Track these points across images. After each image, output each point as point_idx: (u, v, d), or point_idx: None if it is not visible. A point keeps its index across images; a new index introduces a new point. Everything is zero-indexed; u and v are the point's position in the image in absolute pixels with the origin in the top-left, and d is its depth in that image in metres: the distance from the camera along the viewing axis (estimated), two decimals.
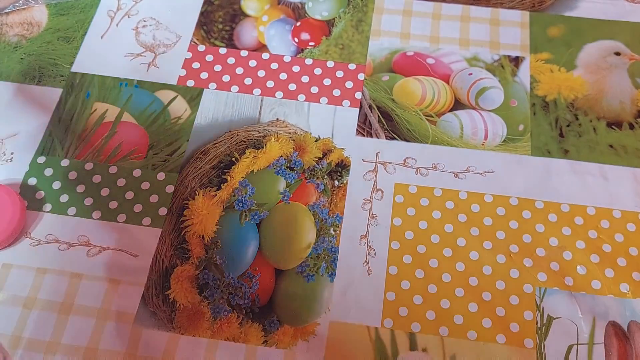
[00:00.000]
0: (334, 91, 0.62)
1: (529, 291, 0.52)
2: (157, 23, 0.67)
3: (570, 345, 0.49)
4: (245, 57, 0.65)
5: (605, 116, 0.60)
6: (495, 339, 0.50)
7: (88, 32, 0.67)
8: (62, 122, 0.60)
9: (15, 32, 0.67)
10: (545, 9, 0.67)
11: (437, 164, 0.58)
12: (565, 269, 0.52)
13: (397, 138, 0.59)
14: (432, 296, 0.52)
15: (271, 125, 0.60)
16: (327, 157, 0.58)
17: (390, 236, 0.54)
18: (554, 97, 0.61)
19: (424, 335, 0.50)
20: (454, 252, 0.53)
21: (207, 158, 0.58)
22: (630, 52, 0.64)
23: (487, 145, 0.59)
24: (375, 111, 0.61)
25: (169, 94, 0.62)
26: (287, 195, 0.56)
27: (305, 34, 0.66)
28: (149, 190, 0.56)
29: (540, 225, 0.54)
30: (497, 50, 0.64)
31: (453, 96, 0.62)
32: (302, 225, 0.55)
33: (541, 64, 0.63)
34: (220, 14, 0.68)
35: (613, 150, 0.58)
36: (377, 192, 0.56)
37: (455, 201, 0.56)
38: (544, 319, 0.50)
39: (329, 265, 0.53)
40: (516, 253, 0.53)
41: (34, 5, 0.69)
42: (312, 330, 0.50)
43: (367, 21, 0.67)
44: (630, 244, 0.53)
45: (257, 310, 0.52)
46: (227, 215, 0.55)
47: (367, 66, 0.64)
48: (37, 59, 0.65)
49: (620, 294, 0.51)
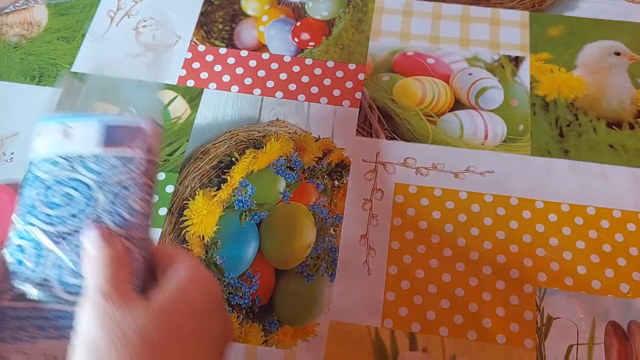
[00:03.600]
0: (334, 91, 0.62)
1: (529, 291, 0.52)
2: (157, 23, 0.67)
3: (570, 345, 0.49)
4: (245, 57, 0.65)
5: (605, 116, 0.60)
6: (495, 339, 0.50)
7: (88, 32, 0.67)
8: None
9: (15, 32, 0.67)
10: (545, 9, 0.67)
11: (437, 164, 0.58)
12: (565, 269, 0.52)
13: (397, 138, 0.59)
14: (432, 296, 0.51)
15: (271, 125, 0.60)
16: (327, 157, 0.58)
17: (390, 236, 0.54)
18: (554, 97, 0.61)
19: (424, 335, 0.50)
20: (454, 252, 0.53)
21: (207, 158, 0.58)
22: (630, 52, 0.64)
23: (487, 145, 0.59)
24: (375, 111, 0.61)
25: (169, 94, 0.62)
26: (287, 195, 0.56)
27: (305, 34, 0.66)
28: None
29: (540, 225, 0.54)
30: (497, 50, 0.64)
31: (453, 96, 0.62)
32: (302, 225, 0.55)
33: (541, 64, 0.63)
34: (220, 14, 0.68)
35: (613, 150, 0.58)
36: (377, 192, 0.56)
37: (455, 201, 0.56)
38: (544, 319, 0.50)
39: (329, 265, 0.53)
40: (516, 253, 0.53)
41: (34, 5, 0.69)
42: (312, 330, 0.50)
43: (367, 21, 0.67)
44: (630, 244, 0.53)
45: (257, 310, 0.52)
46: (227, 215, 0.55)
47: (367, 66, 0.64)
48: (37, 59, 0.65)
49: (620, 294, 0.51)
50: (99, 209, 0.34)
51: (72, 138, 0.36)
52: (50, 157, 0.36)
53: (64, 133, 0.36)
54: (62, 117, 0.37)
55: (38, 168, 0.36)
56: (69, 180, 0.35)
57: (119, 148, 0.36)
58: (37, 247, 0.34)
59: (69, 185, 0.35)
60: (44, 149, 0.36)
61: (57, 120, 0.37)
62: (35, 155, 0.36)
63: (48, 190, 0.35)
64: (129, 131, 0.37)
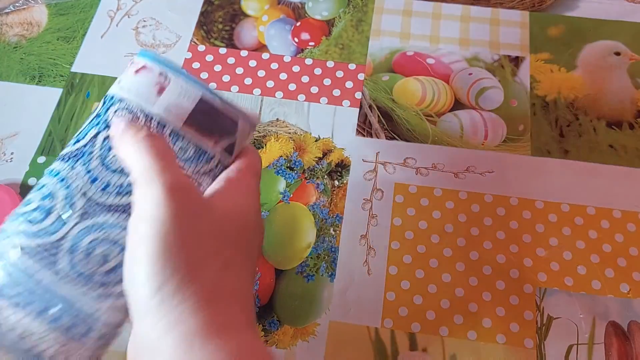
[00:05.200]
0: (334, 91, 0.62)
1: (529, 291, 0.52)
2: (157, 23, 0.67)
3: (570, 345, 0.49)
4: (245, 57, 0.65)
5: (605, 116, 0.60)
6: (495, 339, 0.50)
7: (88, 32, 0.67)
8: (62, 122, 0.60)
9: (15, 32, 0.67)
10: (545, 9, 0.67)
11: (437, 164, 0.58)
12: (565, 269, 0.52)
13: (397, 138, 0.59)
14: (432, 296, 0.52)
15: (271, 125, 0.60)
16: (327, 157, 0.58)
17: (390, 236, 0.54)
18: (554, 97, 0.61)
19: (424, 335, 0.50)
20: (454, 252, 0.53)
21: None
22: (630, 52, 0.64)
23: (487, 145, 0.59)
24: (375, 111, 0.61)
25: None
26: (287, 195, 0.56)
27: (305, 34, 0.66)
28: None
29: (540, 225, 0.54)
30: (497, 50, 0.64)
31: (453, 96, 0.62)
32: (302, 225, 0.55)
33: (541, 64, 0.63)
34: (220, 14, 0.68)
35: (613, 150, 0.58)
36: (377, 192, 0.56)
37: (455, 201, 0.56)
38: (544, 319, 0.50)
39: (329, 265, 0.53)
40: (516, 253, 0.53)
41: (34, 5, 0.69)
42: (312, 330, 0.50)
43: (367, 21, 0.67)
44: (630, 244, 0.53)
45: (257, 310, 0.52)
46: None
47: (367, 66, 0.64)
48: (37, 59, 0.65)
49: (620, 294, 0.51)
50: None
51: (162, 94, 0.31)
52: (132, 107, 0.32)
53: (158, 84, 0.31)
54: (166, 65, 0.32)
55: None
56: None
57: (201, 135, 0.32)
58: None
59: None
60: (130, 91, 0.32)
61: (160, 65, 0.32)
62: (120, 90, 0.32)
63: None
64: (223, 120, 0.32)
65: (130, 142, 0.31)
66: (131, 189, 0.31)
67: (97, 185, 0.31)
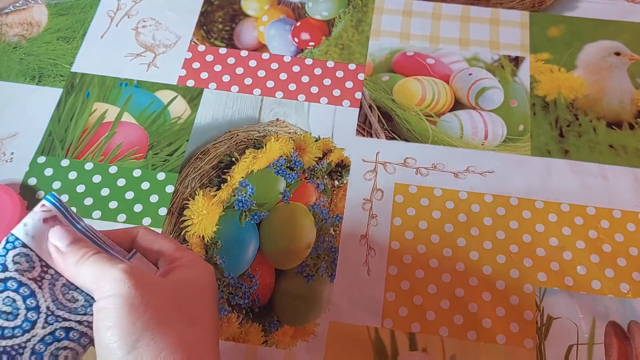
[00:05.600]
0: (334, 91, 0.62)
1: (529, 291, 0.52)
2: (157, 23, 0.67)
3: (570, 345, 0.49)
4: (245, 57, 0.65)
5: (605, 116, 0.60)
6: (495, 339, 0.50)
7: (88, 32, 0.67)
8: (62, 122, 0.60)
9: (15, 32, 0.67)
10: (545, 9, 0.67)
11: (437, 164, 0.58)
12: (565, 269, 0.52)
13: (397, 138, 0.59)
14: (432, 296, 0.51)
15: (271, 125, 0.60)
16: (327, 157, 0.58)
17: (390, 236, 0.54)
18: (554, 97, 0.61)
19: (424, 335, 0.50)
20: (454, 252, 0.53)
21: (207, 158, 0.58)
22: (630, 52, 0.64)
23: (487, 145, 0.59)
24: (375, 111, 0.61)
25: (169, 94, 0.62)
26: (287, 195, 0.56)
27: (305, 34, 0.66)
28: (149, 190, 0.56)
29: (540, 225, 0.54)
30: (497, 50, 0.64)
31: (453, 96, 0.62)
32: (302, 225, 0.55)
33: (541, 64, 0.63)
34: (220, 14, 0.68)
35: (613, 150, 0.58)
36: (377, 192, 0.56)
37: (455, 201, 0.56)
38: (544, 319, 0.50)
39: (329, 265, 0.53)
40: (516, 253, 0.53)
41: (34, 5, 0.69)
42: (312, 331, 0.50)
43: (367, 21, 0.67)
44: (630, 244, 0.53)
45: (257, 310, 0.52)
46: (227, 215, 0.55)
47: (367, 66, 0.64)
48: (37, 59, 0.65)
49: (620, 294, 0.51)
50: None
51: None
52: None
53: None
54: (58, 205, 0.37)
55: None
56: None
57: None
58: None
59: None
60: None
61: (54, 205, 0.37)
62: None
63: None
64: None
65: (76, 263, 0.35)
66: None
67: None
